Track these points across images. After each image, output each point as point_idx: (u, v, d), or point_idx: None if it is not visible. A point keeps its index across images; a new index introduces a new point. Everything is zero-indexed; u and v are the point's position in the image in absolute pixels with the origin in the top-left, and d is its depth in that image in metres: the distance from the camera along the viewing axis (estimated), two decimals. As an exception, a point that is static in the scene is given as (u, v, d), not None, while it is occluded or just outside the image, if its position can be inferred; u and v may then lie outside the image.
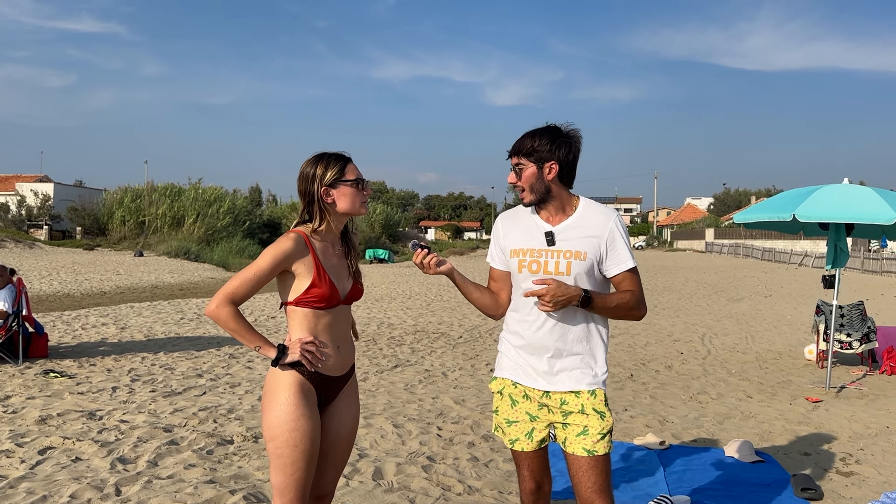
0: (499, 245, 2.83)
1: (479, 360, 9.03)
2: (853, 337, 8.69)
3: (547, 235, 2.69)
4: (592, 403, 2.67)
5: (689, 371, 8.62)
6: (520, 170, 2.68)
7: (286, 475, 2.54)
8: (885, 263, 32.48)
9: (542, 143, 2.63)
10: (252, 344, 2.57)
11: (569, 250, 2.66)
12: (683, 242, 74.37)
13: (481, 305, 2.85)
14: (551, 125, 2.69)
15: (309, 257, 2.60)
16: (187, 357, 8.78)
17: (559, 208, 2.71)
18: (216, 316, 2.53)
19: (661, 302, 17.62)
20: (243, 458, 4.86)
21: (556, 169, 2.65)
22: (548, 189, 2.67)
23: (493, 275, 2.88)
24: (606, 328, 2.77)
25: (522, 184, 2.67)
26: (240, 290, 2.54)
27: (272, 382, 2.60)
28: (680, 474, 4.77)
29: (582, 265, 2.64)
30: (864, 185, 8.25)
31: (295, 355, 2.57)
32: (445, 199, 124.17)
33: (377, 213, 57.59)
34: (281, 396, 2.56)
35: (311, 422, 2.56)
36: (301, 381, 2.58)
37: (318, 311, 2.62)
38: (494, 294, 2.86)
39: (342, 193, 2.65)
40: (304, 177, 2.66)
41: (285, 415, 2.53)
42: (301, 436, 2.53)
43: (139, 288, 20.28)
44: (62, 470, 4.50)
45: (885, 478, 4.77)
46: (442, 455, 5.05)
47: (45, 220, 43.76)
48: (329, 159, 2.67)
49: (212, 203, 45.53)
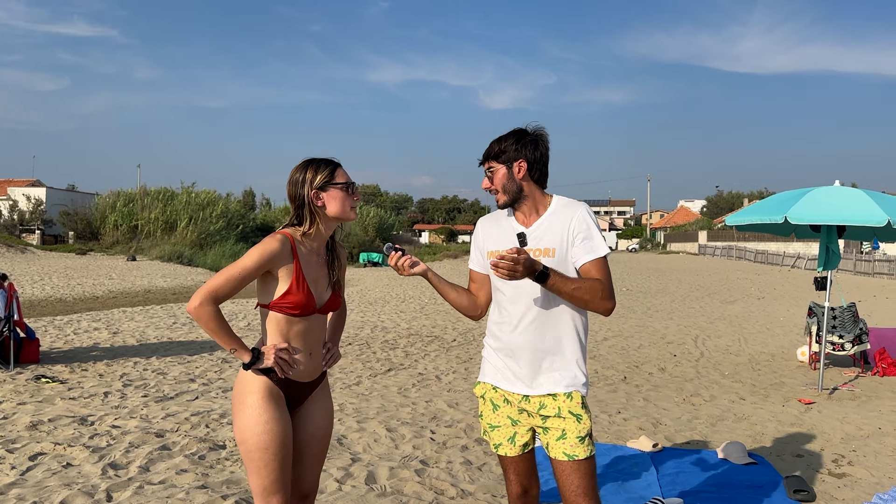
0: (478, 247, 2.88)
1: (472, 364, 9.02)
2: (845, 339, 8.71)
3: (519, 236, 2.73)
4: (569, 406, 2.66)
5: (682, 373, 8.64)
6: (491, 173, 2.74)
7: (261, 477, 2.56)
8: (877, 265, 32.61)
9: (508, 144, 2.70)
10: (228, 346, 2.56)
11: (538, 248, 2.69)
12: (677, 245, 74.53)
13: (458, 305, 2.88)
14: (518, 128, 2.76)
15: (291, 263, 2.60)
16: (180, 362, 8.75)
17: (532, 209, 2.75)
18: (197, 314, 2.50)
19: (655, 304, 17.65)
20: (235, 463, 4.84)
21: (525, 167, 2.70)
22: (520, 188, 2.72)
23: (472, 277, 2.92)
24: (585, 330, 2.75)
25: (495, 186, 2.73)
26: (223, 287, 2.52)
27: (241, 386, 2.61)
28: (673, 476, 4.77)
29: (551, 262, 2.65)
30: (856, 186, 8.28)
31: (269, 361, 2.57)
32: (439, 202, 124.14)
33: (371, 216, 57.56)
34: (249, 400, 2.57)
35: (279, 424, 2.57)
36: (269, 386, 2.59)
37: (292, 317, 2.62)
38: (472, 295, 2.89)
39: (332, 197, 2.66)
40: (293, 181, 2.67)
41: (254, 418, 2.55)
42: (271, 438, 2.54)
43: (132, 292, 20.21)
44: (53, 476, 4.48)
45: (878, 479, 4.79)
46: (435, 459, 5.04)
47: (38, 225, 43.60)
48: (319, 163, 2.68)
49: (205, 207, 45.43)
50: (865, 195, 7.25)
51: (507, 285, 2.70)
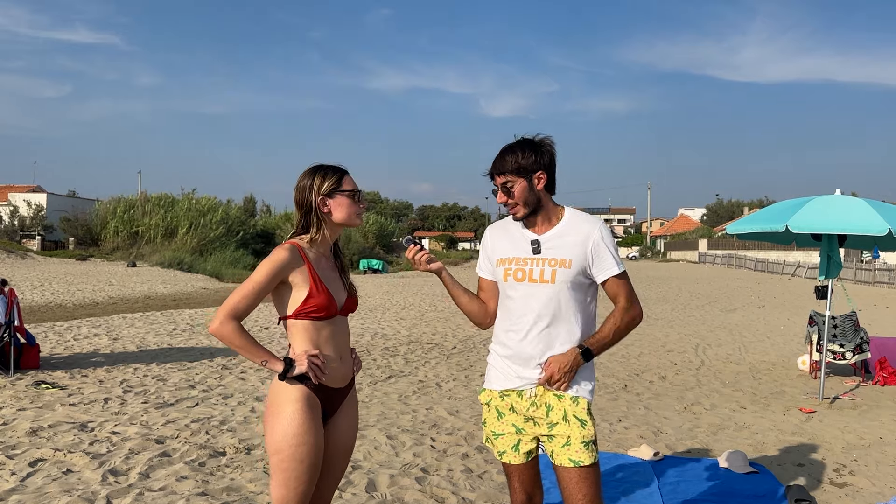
0: (486, 255, 2.88)
1: (473, 371, 9.01)
2: (846, 347, 8.71)
3: (533, 244, 2.73)
4: (574, 410, 2.68)
5: (682, 382, 8.63)
6: (510, 187, 2.71)
7: (289, 489, 2.52)
8: (878, 274, 32.61)
9: (526, 157, 2.69)
10: (258, 359, 2.54)
11: (554, 258, 2.70)
12: (677, 253, 74.54)
13: (469, 311, 2.88)
14: (523, 138, 2.74)
15: (304, 267, 2.60)
16: (180, 368, 8.74)
17: (546, 219, 2.76)
18: (220, 333, 2.50)
19: (655, 312, 17.64)
20: (235, 469, 4.83)
21: (545, 178, 2.71)
22: (538, 199, 2.73)
23: (481, 285, 2.92)
24: None
25: (516, 199, 2.71)
26: (241, 304, 2.52)
27: (277, 396, 2.58)
28: (674, 485, 4.76)
29: (567, 273, 2.68)
30: (856, 196, 8.29)
31: (302, 367, 2.55)
32: (439, 209, 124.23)
33: (371, 223, 57.45)
34: (287, 410, 2.54)
35: (316, 436, 2.55)
36: (307, 395, 2.57)
37: (318, 322, 2.61)
38: (483, 303, 2.88)
39: (339, 203, 2.67)
40: (301, 187, 2.68)
41: (292, 429, 2.51)
42: (307, 451, 2.51)
43: (132, 299, 20.20)
44: (53, 482, 4.47)
45: (879, 489, 4.78)
46: (436, 467, 5.03)
47: (38, 231, 43.58)
48: (326, 170, 2.70)
49: (205, 213, 45.36)
50: (866, 204, 7.26)
51: (518, 293, 2.71)
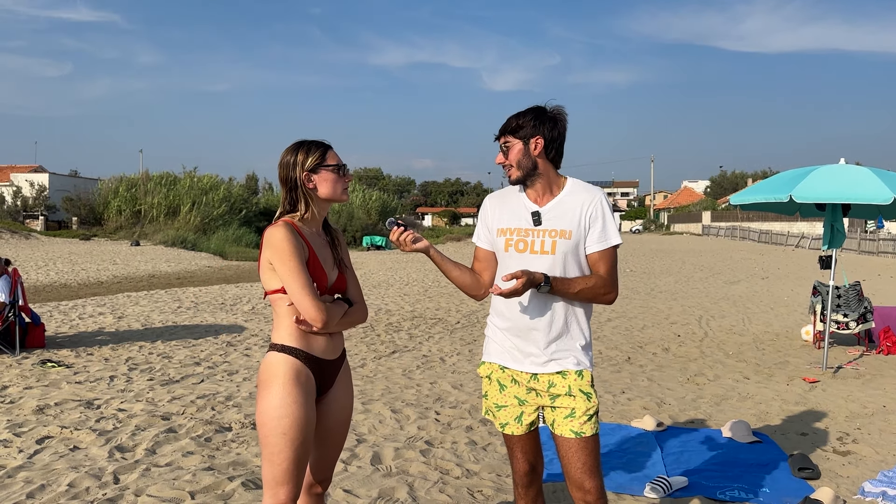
0: (486, 224, 2.84)
1: (476, 345, 9.03)
2: (850, 317, 8.71)
3: (534, 215, 2.71)
4: (579, 384, 2.68)
5: (686, 353, 8.64)
6: (507, 148, 2.71)
7: (273, 464, 2.46)
8: (882, 244, 32.52)
9: (526, 120, 2.68)
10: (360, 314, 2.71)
11: (554, 229, 2.68)
12: (680, 225, 74.38)
13: (461, 284, 2.84)
14: (537, 105, 2.73)
15: (302, 243, 2.58)
16: (185, 345, 8.77)
17: (546, 188, 2.73)
18: (325, 322, 2.50)
19: (659, 285, 17.64)
20: (241, 444, 4.86)
21: (542, 143, 2.68)
22: (534, 165, 2.69)
23: (477, 255, 2.88)
24: (590, 310, 2.77)
25: (510, 161, 2.70)
26: (309, 290, 2.49)
27: (267, 369, 2.55)
28: (677, 455, 4.79)
29: (567, 244, 2.66)
30: (861, 165, 8.22)
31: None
32: (442, 185, 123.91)
33: (373, 199, 57.32)
34: (275, 382, 2.50)
35: (302, 409, 2.49)
36: (298, 368, 2.53)
37: None
38: (476, 273, 2.86)
39: (323, 179, 2.63)
40: (284, 164, 2.63)
41: (276, 401, 2.47)
42: (290, 423, 2.45)
43: (136, 277, 20.24)
44: (60, 459, 4.50)
45: (882, 457, 4.79)
46: (440, 439, 5.06)
47: (41, 211, 43.62)
48: (309, 146, 2.64)
49: (208, 191, 45.33)
50: (871, 173, 7.20)
51: (518, 264, 2.68)
